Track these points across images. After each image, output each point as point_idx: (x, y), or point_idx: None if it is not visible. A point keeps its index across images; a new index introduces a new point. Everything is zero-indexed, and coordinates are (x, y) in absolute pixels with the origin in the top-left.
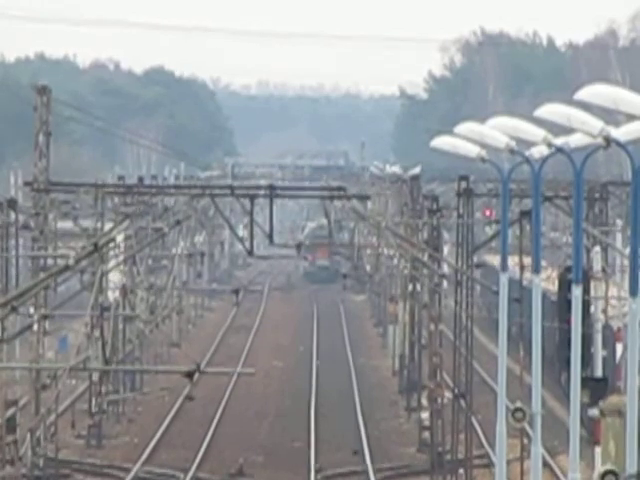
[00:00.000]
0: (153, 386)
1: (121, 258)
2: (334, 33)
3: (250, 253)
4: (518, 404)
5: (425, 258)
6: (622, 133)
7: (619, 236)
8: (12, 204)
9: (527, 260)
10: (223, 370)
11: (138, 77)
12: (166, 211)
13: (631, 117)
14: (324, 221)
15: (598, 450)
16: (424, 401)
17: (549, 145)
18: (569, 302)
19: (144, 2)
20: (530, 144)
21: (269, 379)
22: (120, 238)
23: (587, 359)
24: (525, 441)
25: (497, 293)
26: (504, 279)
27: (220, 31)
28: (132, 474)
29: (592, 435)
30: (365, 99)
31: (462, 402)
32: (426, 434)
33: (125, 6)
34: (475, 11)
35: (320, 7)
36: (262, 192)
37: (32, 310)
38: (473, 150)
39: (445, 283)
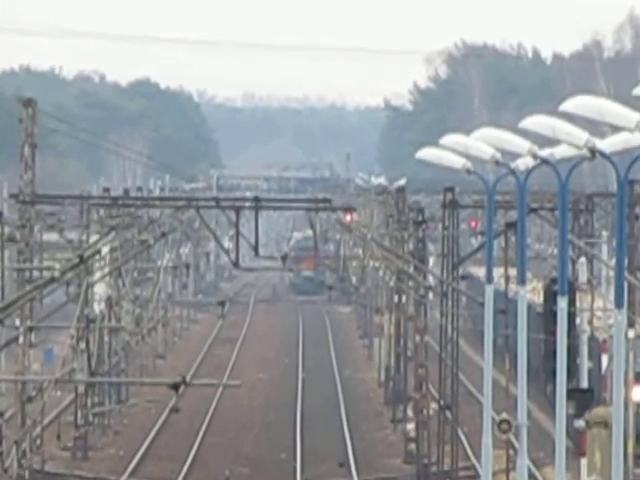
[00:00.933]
0: (139, 398)
1: (107, 270)
2: (319, 45)
3: (236, 265)
4: (504, 415)
5: (411, 270)
6: (607, 144)
7: (605, 247)
8: None
9: (512, 272)
10: (209, 382)
11: (123, 89)
12: (151, 223)
13: (616, 128)
14: (310, 232)
15: (584, 461)
16: (410, 412)
17: (534, 156)
18: (555, 313)
19: (129, 15)
20: (515, 155)
21: (255, 391)
22: (105, 250)
23: (573, 370)
24: (511, 452)
25: (483, 305)
26: (490, 291)
27: (205, 43)
28: None
29: (578, 446)
30: (350, 111)
31: (448, 413)
32: (412, 445)
33: (110, 19)
34: (460, 23)
35: (306, 19)
36: (247, 204)
37: (18, 322)
38: (458, 162)
39: (431, 295)
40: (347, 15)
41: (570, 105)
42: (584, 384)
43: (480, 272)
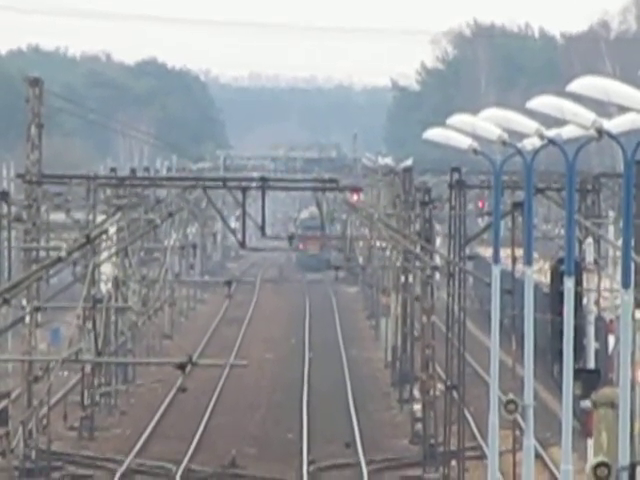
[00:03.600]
0: (145, 378)
1: (113, 250)
2: (326, 25)
3: (242, 245)
4: (510, 396)
5: (417, 250)
6: (614, 125)
7: (611, 228)
8: (4, 196)
9: (519, 252)
10: (215, 362)
11: (130, 69)
12: (158, 203)
13: (623, 109)
14: (316, 210)
15: (590, 442)
16: (416, 393)
17: (541, 137)
18: (561, 294)
19: None
20: (522, 136)
21: (261, 371)
22: (112, 230)
23: (579, 351)
24: (517, 433)
25: (489, 285)
26: (496, 271)
27: (211, 23)
28: (124, 466)
29: (584, 427)
30: (357, 91)
31: (454, 394)
32: (418, 426)
33: None
34: (467, 3)
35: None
36: (254, 184)
37: (24, 302)
38: (465, 142)
39: (437, 275)
40: None
41: (577, 85)
42: (591, 365)
43: (487, 252)
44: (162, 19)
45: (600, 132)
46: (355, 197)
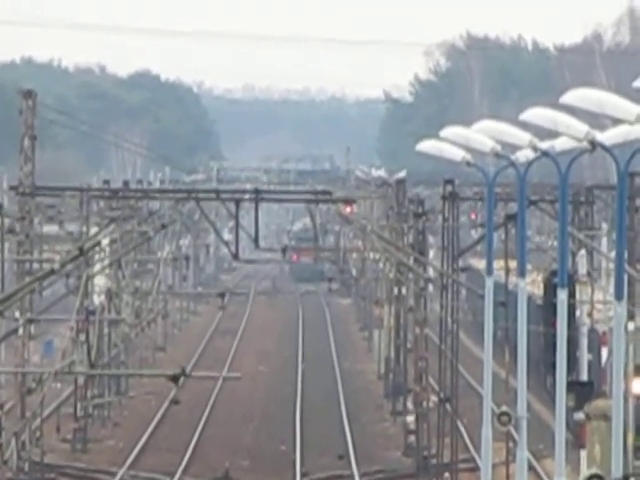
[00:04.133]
0: (139, 390)
1: (106, 262)
2: (319, 36)
3: (235, 257)
4: (504, 408)
5: (411, 262)
6: (607, 137)
7: (604, 240)
8: None
9: (512, 264)
10: (209, 374)
11: (123, 81)
12: (151, 215)
13: (616, 121)
14: (310, 222)
15: (584, 454)
16: (410, 405)
17: (534, 149)
18: (554, 306)
19: (129, 6)
20: (515, 148)
21: (255, 383)
22: (105, 242)
23: (572, 363)
24: (511, 445)
25: (483, 297)
26: (490, 283)
27: (205, 34)
28: (117, 478)
29: (578, 439)
30: (350, 103)
31: (448, 406)
32: (412, 438)
33: (110, 10)
34: (460, 15)
35: (305, 11)
36: (247, 196)
37: (18, 314)
38: (458, 154)
39: (431, 287)
40: (348, 7)
41: (570, 97)
42: (584, 377)
43: (480, 264)
44: (155, 31)
45: (593, 144)
46: (348, 209)
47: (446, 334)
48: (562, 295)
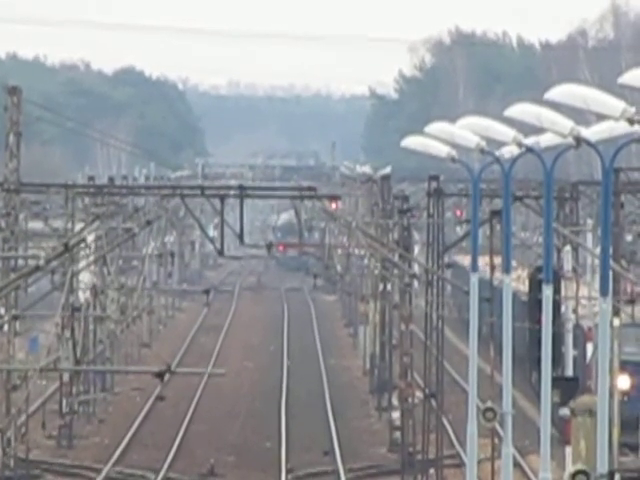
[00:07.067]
0: (124, 386)
1: (92, 258)
2: (304, 33)
3: (221, 253)
4: (489, 404)
5: (396, 258)
6: (592, 133)
7: (589, 236)
8: None
9: (497, 260)
10: (194, 370)
11: (108, 77)
12: (136, 211)
13: (601, 117)
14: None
15: (569, 450)
16: (395, 401)
17: (519, 145)
18: (540, 302)
19: (114, 3)
20: (500, 144)
21: (240, 379)
22: (91, 238)
23: (558, 359)
24: (496, 441)
25: (468, 293)
26: (474, 279)
27: (189, 31)
28: (103, 474)
29: (563, 435)
30: (336, 99)
31: (433, 402)
32: (397, 434)
33: (94, 6)
34: (445, 11)
35: (290, 7)
36: (232, 192)
37: (3, 311)
38: (443, 150)
39: (416, 283)
40: (333, 3)
41: (555, 93)
42: (569, 372)
43: (465, 260)
44: (140, 27)
45: (578, 140)
46: (333, 205)
47: (431, 330)
48: (547, 291)
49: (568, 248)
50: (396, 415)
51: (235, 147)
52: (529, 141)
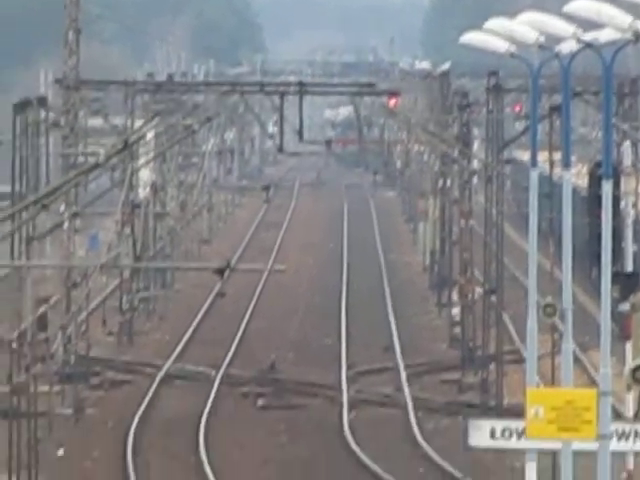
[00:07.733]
0: (184, 283)
1: (151, 155)
2: None
3: (280, 150)
4: (549, 299)
5: (455, 154)
6: None
7: None
8: (42, 102)
9: (557, 155)
10: (254, 267)
11: None
12: (196, 108)
13: None
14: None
15: (629, 345)
16: (455, 297)
17: (578, 40)
18: (599, 197)
19: None
20: (559, 39)
21: (299, 276)
22: (150, 135)
23: (617, 254)
24: (556, 336)
25: (527, 189)
26: (534, 175)
27: None
28: (163, 371)
29: (623, 330)
30: None
31: (493, 298)
32: (457, 330)
33: None
34: None
35: None
36: (292, 89)
37: (63, 208)
38: (502, 46)
39: (475, 179)
40: None
41: None
42: (629, 267)
43: (524, 156)
44: None
45: (637, 35)
46: (393, 101)
47: (491, 226)
48: (607, 186)
49: (628, 143)
50: (456, 311)
51: (294, 43)
52: (588, 36)
